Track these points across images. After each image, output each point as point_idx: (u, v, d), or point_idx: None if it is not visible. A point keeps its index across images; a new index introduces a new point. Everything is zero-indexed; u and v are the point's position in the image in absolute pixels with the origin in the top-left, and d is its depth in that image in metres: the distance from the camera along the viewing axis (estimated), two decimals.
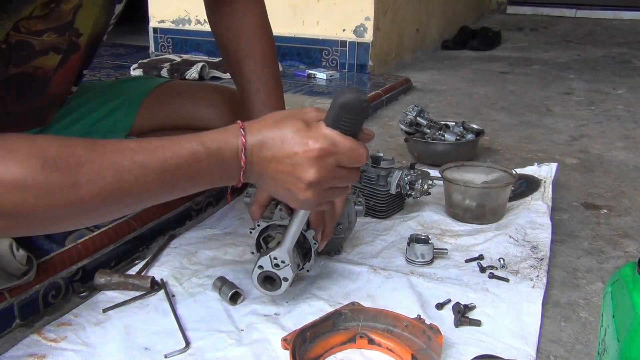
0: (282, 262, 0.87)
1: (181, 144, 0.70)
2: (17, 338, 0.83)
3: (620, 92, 2.46)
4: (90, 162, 0.64)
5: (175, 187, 0.71)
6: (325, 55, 2.74)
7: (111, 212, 0.71)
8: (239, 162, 0.73)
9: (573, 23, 4.56)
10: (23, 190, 0.60)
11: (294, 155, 0.72)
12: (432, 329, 0.78)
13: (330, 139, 0.72)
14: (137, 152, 0.68)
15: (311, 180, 0.72)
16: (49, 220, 0.65)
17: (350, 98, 0.72)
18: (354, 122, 0.73)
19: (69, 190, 0.62)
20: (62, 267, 0.92)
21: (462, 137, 1.56)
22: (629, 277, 0.59)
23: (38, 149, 0.62)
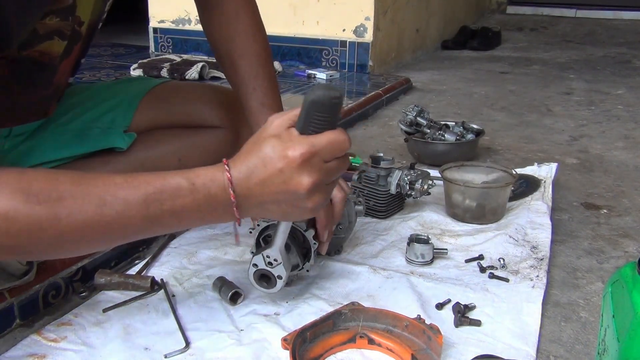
0: (274, 261, 0.87)
1: (165, 179, 0.71)
2: (17, 338, 0.83)
3: (620, 92, 2.46)
4: (72, 196, 0.67)
5: (161, 223, 0.71)
6: (325, 55, 2.74)
7: (96, 245, 0.73)
8: (228, 198, 0.72)
9: (573, 23, 4.56)
10: (6, 221, 0.64)
11: (280, 173, 0.71)
12: (432, 329, 0.78)
13: (305, 142, 0.71)
14: (121, 187, 0.69)
15: (308, 186, 0.72)
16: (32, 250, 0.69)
17: (320, 95, 0.71)
18: (327, 118, 0.72)
19: (49, 223, 0.66)
20: (62, 267, 0.92)
21: (462, 137, 1.56)
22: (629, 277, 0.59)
23: (24, 183, 0.66)
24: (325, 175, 0.74)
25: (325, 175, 0.74)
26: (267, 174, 0.71)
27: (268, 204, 0.74)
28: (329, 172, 0.74)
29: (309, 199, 0.73)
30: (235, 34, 1.06)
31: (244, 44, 1.06)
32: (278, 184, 0.72)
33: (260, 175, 0.72)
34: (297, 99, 2.11)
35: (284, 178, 0.71)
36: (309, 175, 0.72)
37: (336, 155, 0.74)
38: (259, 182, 0.72)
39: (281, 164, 0.71)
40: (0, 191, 0.65)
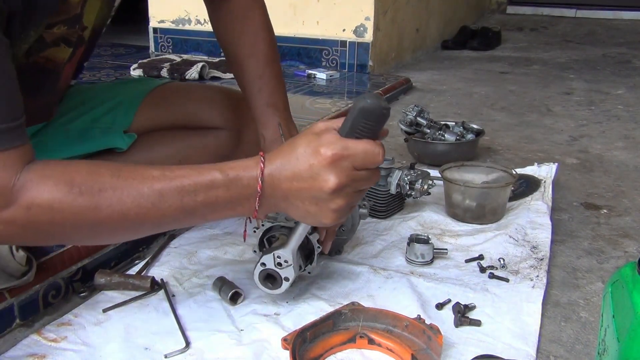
0: (285, 262, 0.87)
1: (201, 172, 0.74)
2: (17, 338, 0.83)
3: (620, 92, 2.46)
4: (112, 188, 0.71)
5: (195, 214, 0.75)
6: (325, 55, 2.74)
7: (132, 233, 0.77)
8: (256, 189, 0.74)
9: (573, 23, 4.55)
10: (51, 211, 0.69)
11: (310, 168, 0.73)
12: (432, 329, 0.78)
13: (341, 144, 0.73)
14: (158, 180, 0.73)
15: (333, 187, 0.73)
16: (73, 237, 0.75)
17: (371, 104, 0.72)
18: (373, 127, 0.74)
19: (90, 213, 0.70)
20: (62, 267, 0.92)
21: (462, 137, 1.56)
22: (629, 277, 0.59)
23: (67, 175, 0.71)
24: (353, 182, 0.75)
25: (352, 181, 0.75)
26: (298, 168, 0.74)
27: (293, 199, 0.76)
28: (357, 179, 0.75)
29: (332, 200, 0.75)
30: (242, 33, 1.06)
31: (251, 43, 1.06)
32: (306, 179, 0.73)
33: (291, 169, 0.74)
34: (297, 99, 2.11)
35: (312, 174, 0.73)
36: (336, 176, 0.73)
37: (367, 165, 0.75)
38: (290, 175, 0.74)
39: (312, 160, 0.73)
40: (44, 183, 0.69)
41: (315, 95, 2.20)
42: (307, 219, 0.79)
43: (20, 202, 0.69)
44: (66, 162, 0.74)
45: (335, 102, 2.08)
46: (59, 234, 0.73)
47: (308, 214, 0.77)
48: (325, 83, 2.44)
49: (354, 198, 0.77)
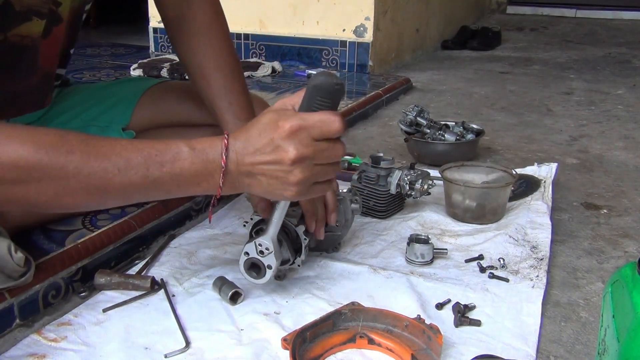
0: (266, 249, 0.88)
1: (168, 144, 0.76)
2: (17, 338, 0.83)
3: (620, 92, 2.46)
4: (80, 151, 0.72)
5: (160, 186, 0.75)
6: (325, 55, 2.74)
7: (96, 201, 0.77)
8: (220, 164, 0.76)
9: (573, 23, 4.55)
10: (16, 169, 0.69)
11: (271, 141, 0.75)
12: (432, 329, 0.78)
13: (298, 116, 0.76)
14: (125, 148, 0.74)
15: (292, 157, 0.74)
16: (38, 198, 0.73)
17: (323, 80, 0.76)
18: (328, 103, 0.77)
19: (56, 173, 0.70)
20: (62, 267, 0.92)
21: (462, 137, 1.56)
22: (629, 277, 0.59)
23: (35, 137, 0.71)
24: (313, 153, 0.76)
25: (312, 152, 0.76)
26: (260, 143, 0.76)
27: (256, 174, 0.77)
28: (317, 150, 0.76)
29: (292, 172, 0.75)
30: (208, 47, 1.06)
31: (217, 57, 1.06)
32: (267, 153, 0.75)
33: (253, 144, 0.76)
34: None
35: (273, 147, 0.75)
36: (295, 147, 0.74)
37: (325, 135, 0.76)
38: (252, 150, 0.76)
39: (272, 134, 0.75)
40: (10, 141, 0.69)
41: None
42: (271, 194, 0.80)
43: None
44: (34, 126, 0.74)
45: None
46: (23, 195, 0.72)
47: (270, 188, 0.78)
48: None
49: (315, 171, 0.77)
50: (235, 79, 1.06)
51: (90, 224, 1.04)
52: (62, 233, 1.00)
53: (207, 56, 1.06)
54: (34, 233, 1.00)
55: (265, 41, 2.82)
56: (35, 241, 0.98)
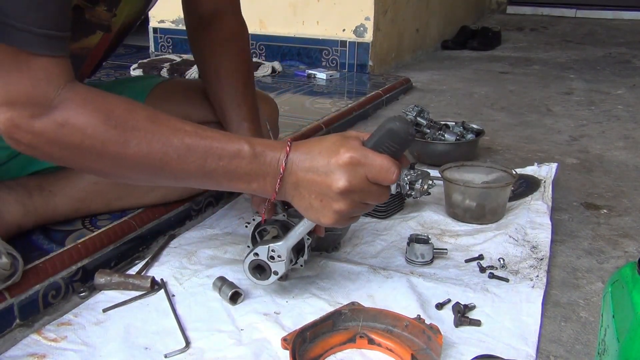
0: (278, 257, 0.88)
1: (231, 139, 0.78)
2: (17, 338, 0.83)
3: (620, 92, 2.46)
4: (144, 129, 0.74)
5: (213, 177, 0.78)
6: (325, 55, 2.74)
7: (149, 178, 0.80)
8: (278, 169, 0.78)
9: (573, 23, 4.55)
10: (82, 135, 0.73)
11: (327, 164, 0.76)
12: (432, 329, 0.78)
13: (362, 151, 0.77)
14: (189, 135, 0.76)
15: (342, 187, 0.76)
16: (95, 165, 0.77)
17: (399, 127, 0.76)
18: (396, 149, 0.77)
19: (117, 147, 0.74)
20: (62, 267, 0.92)
21: (462, 137, 1.56)
22: (629, 277, 0.59)
23: (107, 106, 0.74)
24: (361, 191, 0.77)
25: (361, 190, 0.77)
26: (317, 162, 0.77)
27: (302, 189, 0.78)
28: (366, 190, 0.78)
29: (337, 201, 0.77)
30: (228, 52, 1.08)
31: (235, 63, 1.08)
32: (320, 173, 0.77)
33: (311, 160, 0.77)
34: (297, 99, 2.11)
35: (327, 170, 0.76)
36: (347, 178, 0.76)
37: (380, 180, 0.77)
38: (308, 166, 0.77)
39: (331, 158, 0.76)
40: (84, 106, 0.73)
41: (315, 95, 2.20)
42: (309, 212, 0.80)
43: (55, 116, 0.71)
44: (107, 93, 0.76)
45: (335, 102, 2.08)
46: (81, 159, 0.75)
47: (311, 208, 0.79)
48: (325, 83, 2.44)
49: (357, 207, 0.79)
50: (247, 83, 1.09)
51: (90, 224, 1.04)
52: (62, 233, 1.00)
53: (225, 61, 1.08)
54: (34, 233, 1.00)
55: (265, 41, 2.82)
56: (35, 241, 0.98)
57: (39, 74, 0.71)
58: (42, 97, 0.71)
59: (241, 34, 1.13)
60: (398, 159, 0.79)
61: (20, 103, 0.71)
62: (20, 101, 0.71)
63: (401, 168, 0.79)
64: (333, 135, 0.80)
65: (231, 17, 1.11)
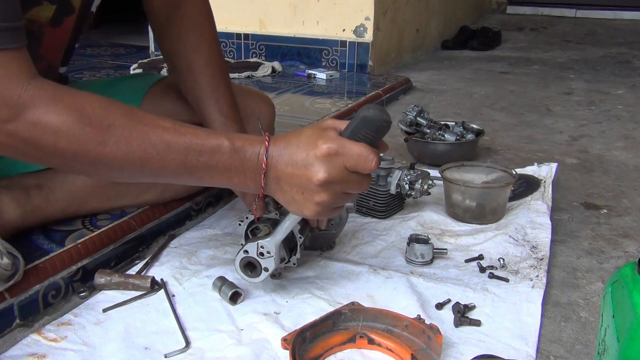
0: (267, 253, 0.88)
1: (210, 135, 0.77)
2: (17, 338, 0.83)
3: (620, 92, 2.46)
4: (122, 127, 0.72)
5: (193, 173, 0.77)
6: (325, 55, 2.74)
7: (129, 177, 0.78)
8: (259, 165, 0.78)
9: (573, 23, 4.55)
10: (56, 134, 0.70)
11: (306, 157, 0.76)
12: (432, 329, 0.78)
13: (338, 141, 0.76)
14: (168, 131, 0.75)
15: (321, 179, 0.76)
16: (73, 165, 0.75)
17: (374, 114, 0.76)
18: (372, 136, 0.77)
19: (95, 145, 0.71)
20: (62, 267, 0.92)
21: (462, 137, 1.56)
22: (629, 277, 0.59)
23: (79, 103, 0.71)
24: (341, 181, 0.77)
25: (341, 180, 0.77)
26: (296, 155, 0.77)
27: (284, 183, 0.78)
28: (346, 180, 0.77)
29: (318, 193, 0.77)
30: (199, 44, 1.07)
31: (207, 55, 1.07)
32: (299, 167, 0.76)
33: (290, 154, 0.77)
34: (297, 99, 2.11)
35: (306, 162, 0.76)
36: (326, 169, 0.76)
37: (359, 168, 0.77)
38: (287, 159, 0.77)
39: (309, 150, 0.76)
40: (55, 104, 0.70)
41: (315, 95, 2.20)
42: (292, 206, 0.81)
43: (26, 117, 0.69)
44: (77, 90, 0.74)
45: (335, 102, 2.08)
46: (58, 159, 0.73)
47: (293, 201, 0.79)
48: (325, 83, 2.44)
49: (338, 198, 0.79)
50: (222, 77, 1.07)
51: (90, 224, 1.04)
52: (62, 233, 1.00)
53: (197, 53, 1.06)
54: (34, 233, 1.00)
55: (265, 41, 2.82)
56: (35, 241, 0.98)
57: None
58: (8, 97, 0.68)
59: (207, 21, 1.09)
60: (376, 147, 0.78)
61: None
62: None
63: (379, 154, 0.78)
64: (310, 126, 0.79)
65: (195, 3, 1.08)
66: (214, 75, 1.06)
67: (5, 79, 0.69)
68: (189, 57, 1.06)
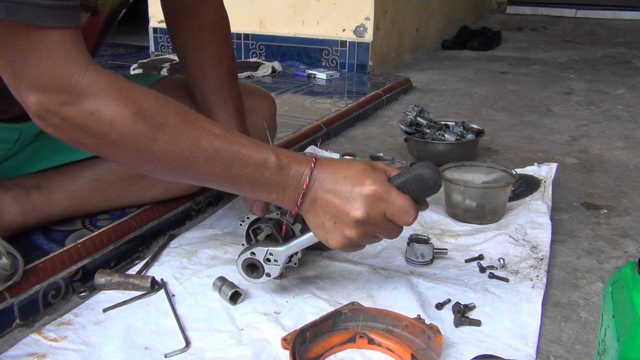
0: (274, 261, 0.88)
1: (258, 148, 0.77)
2: (17, 338, 0.83)
3: (620, 92, 2.46)
4: (174, 126, 0.73)
5: (235, 182, 0.77)
6: (325, 55, 2.74)
7: (172, 175, 0.79)
8: (301, 184, 0.78)
9: (573, 23, 4.56)
10: (110, 126, 0.70)
11: (350, 190, 0.77)
12: (432, 329, 0.78)
13: (386, 187, 0.77)
14: (218, 138, 0.75)
15: (358, 216, 0.77)
16: (120, 156, 0.75)
17: (429, 175, 0.78)
18: (419, 194, 0.79)
19: (146, 141, 0.72)
20: (62, 267, 0.92)
21: (462, 137, 1.56)
22: (629, 277, 0.59)
23: (136, 97, 0.72)
24: (376, 225, 0.78)
25: (376, 224, 0.78)
26: (340, 185, 0.78)
27: (319, 207, 0.79)
28: (380, 226, 0.79)
29: (349, 228, 0.78)
30: (211, 44, 1.07)
31: (218, 54, 1.07)
32: (340, 198, 0.77)
33: (334, 182, 0.78)
34: (297, 99, 2.11)
35: (348, 196, 0.77)
36: (366, 210, 0.77)
37: (396, 219, 0.79)
38: (330, 187, 0.78)
39: (356, 186, 0.77)
40: (112, 95, 0.70)
41: (315, 95, 2.20)
42: (319, 230, 0.81)
43: (84, 104, 0.69)
44: (133, 83, 0.74)
45: (335, 102, 2.08)
46: (107, 149, 0.73)
47: (322, 226, 0.80)
48: (325, 83, 2.44)
49: (366, 238, 0.80)
50: (232, 77, 1.07)
51: (90, 224, 1.04)
52: (62, 233, 1.00)
53: (209, 52, 1.07)
54: (34, 233, 1.00)
55: (265, 41, 2.82)
56: (35, 241, 0.98)
57: (58, 53, 0.68)
58: (67, 80, 0.68)
59: (221, 21, 1.10)
60: (418, 203, 0.80)
61: (48, 88, 0.68)
62: (48, 86, 0.68)
63: (418, 213, 0.80)
64: (361, 162, 0.80)
65: (211, 4, 1.09)
66: (224, 75, 1.06)
67: (64, 62, 0.68)
68: (200, 55, 1.07)
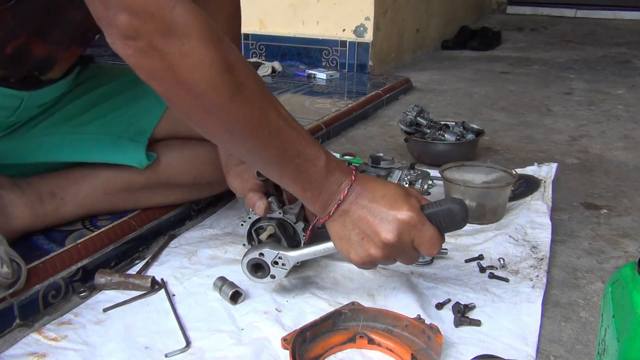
0: (282, 265, 0.88)
1: (313, 143, 0.79)
2: (17, 338, 0.83)
3: (620, 92, 2.46)
4: (252, 91, 0.72)
5: (283, 167, 0.77)
6: (325, 55, 2.74)
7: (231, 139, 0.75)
8: (338, 193, 0.79)
9: (573, 23, 4.56)
10: (197, 66, 0.67)
11: (386, 211, 0.78)
12: (432, 329, 0.78)
13: (421, 218, 0.79)
14: (283, 118, 0.75)
15: (388, 239, 0.78)
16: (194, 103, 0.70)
17: (459, 211, 0.80)
18: (445, 227, 0.81)
19: (224, 94, 0.70)
20: (62, 267, 0.92)
21: (462, 137, 1.56)
22: (629, 277, 0.59)
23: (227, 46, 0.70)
24: (401, 250, 0.80)
25: (402, 249, 0.80)
26: (376, 204, 0.78)
27: (349, 220, 0.80)
28: (406, 251, 0.80)
29: (376, 247, 0.79)
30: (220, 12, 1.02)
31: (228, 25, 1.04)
32: (375, 215, 0.78)
33: (370, 200, 0.79)
34: (297, 99, 2.11)
35: (383, 217, 0.78)
36: (397, 235, 0.78)
37: (422, 248, 0.80)
38: (366, 203, 0.79)
39: (393, 209, 0.78)
40: (207, 41, 0.68)
41: (315, 95, 2.20)
42: (342, 242, 0.82)
43: (174, 41, 0.66)
44: (220, 32, 0.71)
45: (335, 102, 2.08)
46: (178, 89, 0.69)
47: (347, 239, 0.81)
48: (325, 83, 2.44)
49: (387, 259, 0.81)
50: None
51: (90, 224, 1.04)
52: (62, 233, 1.00)
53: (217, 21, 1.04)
54: (34, 233, 1.00)
55: (265, 41, 2.82)
56: (35, 241, 0.98)
57: None
58: (158, 11, 0.65)
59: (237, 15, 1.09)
60: (442, 235, 0.82)
61: (141, 12, 0.65)
62: (141, 10, 0.65)
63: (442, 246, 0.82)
64: (397, 185, 0.81)
65: None
66: None
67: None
68: None
